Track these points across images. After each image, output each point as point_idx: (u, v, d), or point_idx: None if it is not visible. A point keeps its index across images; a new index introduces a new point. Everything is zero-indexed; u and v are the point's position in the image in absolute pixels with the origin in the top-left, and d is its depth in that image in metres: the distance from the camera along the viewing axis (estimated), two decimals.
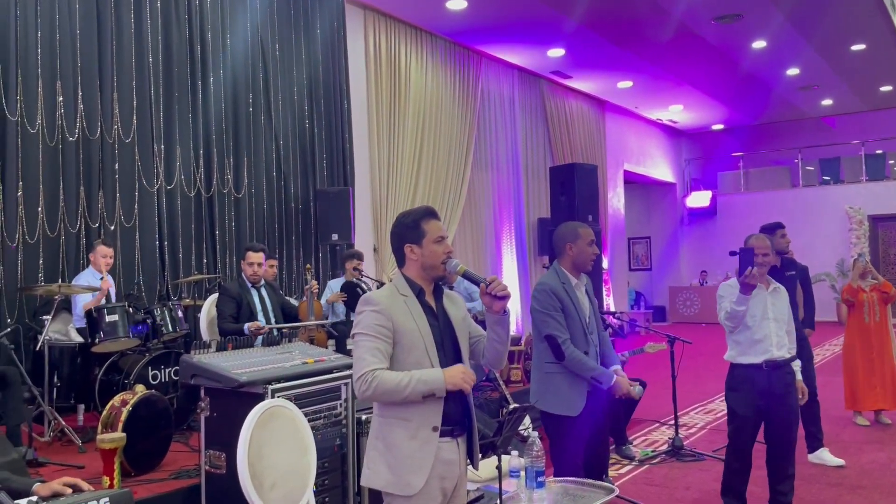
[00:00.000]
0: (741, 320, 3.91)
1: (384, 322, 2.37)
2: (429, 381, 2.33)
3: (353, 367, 2.40)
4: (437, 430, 2.40)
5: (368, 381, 2.30)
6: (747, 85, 13.45)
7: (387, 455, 2.39)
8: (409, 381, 2.31)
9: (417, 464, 2.37)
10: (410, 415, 2.38)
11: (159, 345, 5.32)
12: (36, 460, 4.22)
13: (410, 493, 2.36)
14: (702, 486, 4.85)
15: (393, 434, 2.39)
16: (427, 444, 2.38)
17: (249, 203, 7.55)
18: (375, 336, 2.36)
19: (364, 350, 2.35)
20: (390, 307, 2.40)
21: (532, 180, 12.20)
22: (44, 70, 5.97)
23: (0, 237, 5.69)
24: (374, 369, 2.31)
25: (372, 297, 2.43)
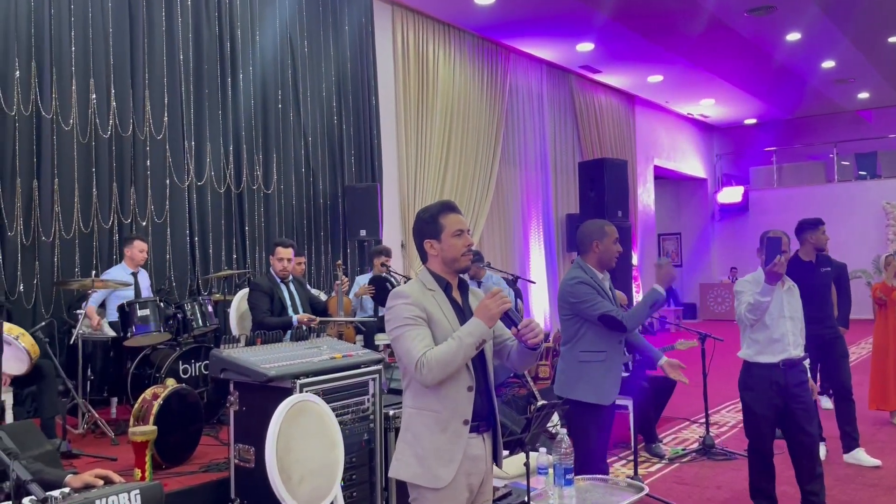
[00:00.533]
0: (764, 312, 3.83)
1: (418, 312, 2.37)
2: (472, 332, 2.31)
3: (403, 363, 2.36)
4: (467, 423, 2.39)
5: (424, 363, 2.28)
6: (781, 78, 13.22)
7: (416, 446, 2.38)
8: (458, 344, 2.29)
9: (447, 456, 2.35)
10: (441, 407, 2.37)
11: (190, 339, 5.37)
12: (70, 452, 4.30)
13: (439, 486, 2.35)
14: (733, 486, 4.77)
15: (423, 426, 2.38)
16: (457, 438, 2.37)
17: (278, 199, 7.60)
18: (414, 324, 2.35)
19: (408, 340, 2.33)
20: (421, 299, 2.40)
21: (560, 176, 12.11)
22: (77, 68, 6.06)
23: (36, 232, 5.80)
24: (425, 352, 2.29)
25: (402, 291, 2.42)
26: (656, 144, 15.32)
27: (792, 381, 3.91)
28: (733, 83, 13.51)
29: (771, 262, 3.72)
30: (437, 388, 2.36)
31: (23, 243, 5.73)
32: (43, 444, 3.54)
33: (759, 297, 3.77)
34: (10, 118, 5.68)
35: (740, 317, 3.93)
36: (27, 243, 5.76)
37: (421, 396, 2.39)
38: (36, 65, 5.83)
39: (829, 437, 5.47)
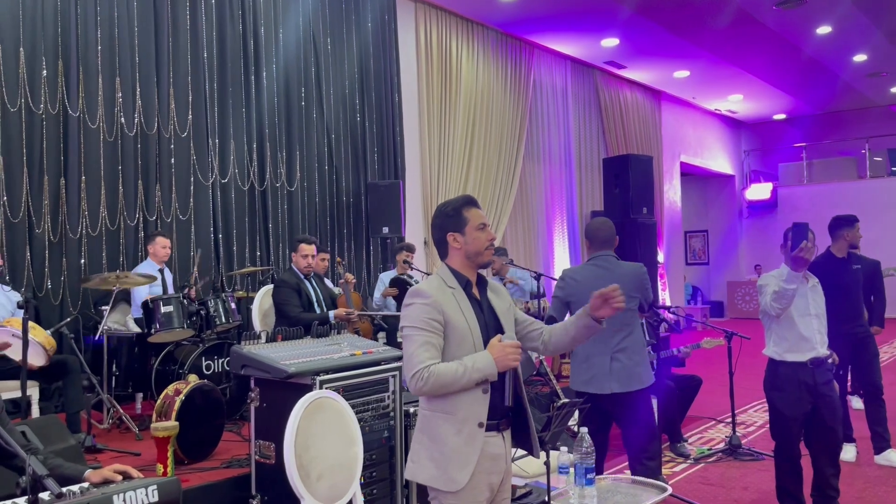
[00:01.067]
0: (790, 301, 3.72)
1: (435, 315, 2.33)
2: (482, 369, 2.29)
3: (404, 363, 2.35)
4: (482, 426, 2.35)
5: (424, 377, 2.26)
6: (811, 72, 12.97)
7: (431, 449, 2.36)
8: (463, 371, 2.28)
9: (463, 459, 2.33)
10: (456, 409, 2.34)
11: (213, 335, 5.40)
12: (94, 447, 4.33)
13: (455, 489, 2.32)
14: (760, 487, 4.68)
15: (438, 428, 2.35)
16: (473, 440, 2.34)
17: (301, 196, 7.63)
18: (427, 329, 2.32)
19: (416, 345, 2.31)
20: (440, 300, 2.36)
21: (585, 172, 12.01)
22: (103, 67, 6.13)
23: (63, 230, 5.87)
24: (429, 365, 2.27)
25: (422, 290, 2.39)
26: (683, 141, 15.13)
27: (820, 379, 3.84)
28: (762, 78, 13.29)
29: (797, 248, 3.62)
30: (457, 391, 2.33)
31: (50, 240, 5.81)
32: (66, 439, 3.57)
33: (784, 284, 3.66)
34: (38, 117, 5.75)
35: (766, 308, 3.82)
36: (54, 240, 5.83)
37: (435, 399, 2.36)
38: (63, 64, 5.91)
39: (860, 437, 5.35)
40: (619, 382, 3.70)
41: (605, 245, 3.86)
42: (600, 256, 3.85)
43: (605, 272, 3.81)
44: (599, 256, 3.86)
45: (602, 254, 3.85)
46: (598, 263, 3.85)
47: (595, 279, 3.79)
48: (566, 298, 3.89)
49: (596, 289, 3.76)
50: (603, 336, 3.74)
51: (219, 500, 3.81)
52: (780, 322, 3.83)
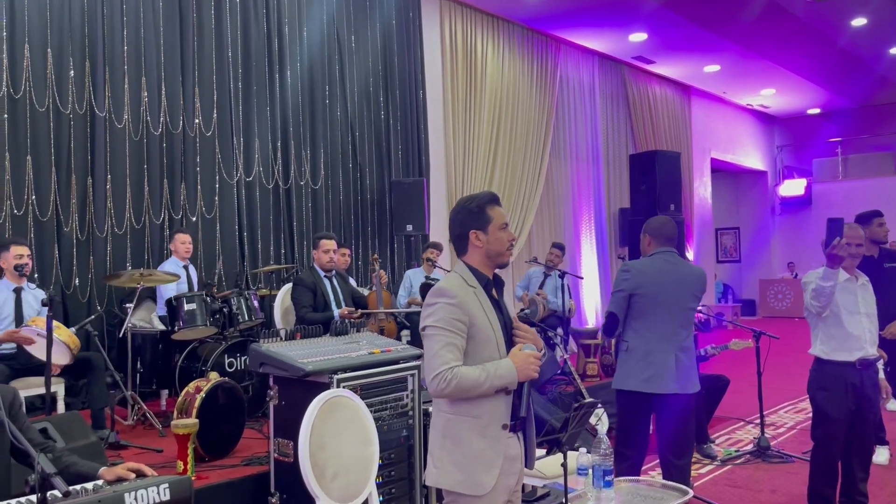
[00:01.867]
0: (829, 299, 3.61)
1: (460, 316, 2.28)
2: (504, 377, 2.26)
3: (426, 362, 2.30)
4: (506, 427, 2.32)
5: (447, 378, 2.22)
6: (846, 66, 12.66)
7: (455, 453, 2.31)
8: (485, 377, 2.24)
9: (488, 462, 2.29)
10: (480, 412, 2.30)
11: (235, 333, 5.42)
12: (118, 443, 4.38)
13: (482, 493, 2.28)
14: (789, 490, 4.57)
15: (462, 432, 2.31)
16: (497, 443, 2.30)
17: (326, 194, 7.64)
18: (451, 331, 2.27)
19: (440, 345, 2.26)
20: (465, 300, 2.31)
21: (613, 169, 11.87)
22: (129, 67, 6.19)
23: (90, 228, 5.95)
24: (453, 367, 2.23)
25: (446, 289, 2.33)
26: (713, 136, 14.89)
27: (867, 381, 3.73)
28: (795, 72, 13.01)
29: (830, 245, 3.52)
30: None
31: (78, 239, 5.89)
32: (88, 436, 3.61)
33: (820, 282, 3.57)
34: (66, 116, 5.83)
35: (808, 306, 3.73)
36: (82, 239, 5.91)
37: (459, 403, 2.31)
38: (89, 64, 5.98)
39: (894, 441, 5.20)
40: (679, 383, 3.61)
41: (669, 242, 3.80)
42: (666, 252, 3.78)
43: (673, 268, 3.74)
44: (665, 252, 3.77)
45: (666, 250, 3.78)
46: (664, 258, 3.77)
47: (663, 273, 3.72)
48: (632, 290, 3.71)
49: (663, 282, 3.71)
50: (667, 332, 3.66)
51: (238, 497, 3.82)
52: (827, 320, 3.73)
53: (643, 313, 3.71)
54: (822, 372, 3.79)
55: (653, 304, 3.70)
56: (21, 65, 5.62)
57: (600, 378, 6.76)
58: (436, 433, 2.38)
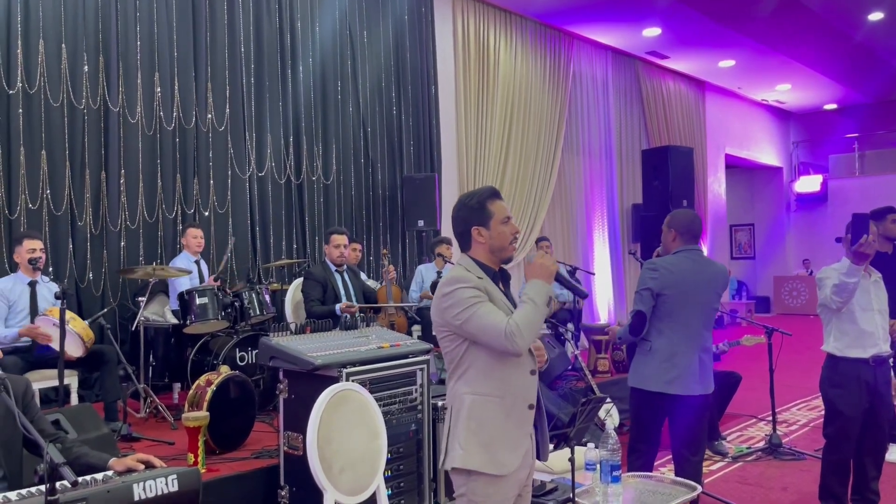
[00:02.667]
0: (851, 295, 3.57)
1: (480, 293, 2.31)
2: (541, 292, 2.30)
3: (486, 335, 2.26)
4: (532, 407, 2.35)
5: (514, 332, 2.21)
6: (863, 60, 12.51)
7: (480, 434, 2.31)
8: (532, 305, 2.26)
9: (513, 442, 2.31)
10: (505, 392, 2.32)
11: (247, 327, 5.45)
12: (130, 435, 4.42)
13: (505, 473, 2.30)
14: (801, 488, 4.54)
15: (487, 412, 2.32)
16: (523, 423, 2.34)
17: (338, 189, 7.66)
18: (482, 301, 2.29)
19: (484, 316, 2.25)
20: (479, 283, 2.34)
21: (626, 165, 11.81)
22: (143, 62, 6.23)
23: (104, 222, 6.00)
24: (507, 321, 2.23)
25: (458, 276, 2.34)
26: (728, 132, 14.78)
27: (881, 379, 3.71)
28: (811, 67, 12.88)
29: (857, 242, 3.48)
30: (502, 373, 2.31)
31: (91, 233, 5.93)
32: (99, 427, 3.64)
33: (844, 277, 3.52)
34: (80, 112, 5.88)
35: (826, 300, 3.68)
36: (96, 233, 5.96)
37: (484, 382, 2.32)
38: (103, 60, 6.02)
39: None
40: (702, 384, 3.58)
41: (695, 239, 3.72)
42: (691, 250, 3.69)
43: (700, 267, 3.67)
44: (690, 250, 3.69)
45: (692, 248, 3.70)
46: (691, 257, 3.68)
47: (690, 273, 3.63)
48: (659, 290, 3.61)
49: (690, 282, 3.66)
50: (691, 333, 3.60)
51: (248, 490, 3.85)
52: (841, 317, 3.69)
53: (670, 314, 3.62)
54: (835, 369, 3.75)
55: (680, 305, 3.61)
56: (35, 60, 5.66)
57: (611, 374, 6.74)
58: (459, 417, 2.35)
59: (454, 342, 2.35)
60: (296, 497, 3.72)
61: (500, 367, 2.32)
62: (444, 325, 2.35)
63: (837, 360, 3.75)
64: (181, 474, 2.31)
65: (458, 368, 2.37)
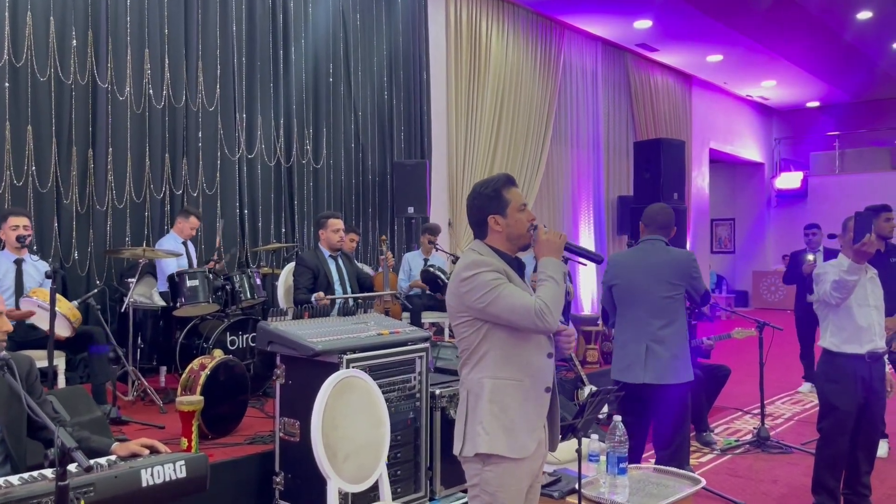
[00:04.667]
0: (850, 292, 3.60)
1: (501, 276, 2.29)
2: (557, 268, 2.30)
3: (514, 315, 2.24)
4: (549, 390, 2.35)
5: (543, 310, 2.21)
6: (848, 59, 12.63)
7: (502, 418, 2.29)
8: (553, 283, 2.27)
9: (531, 425, 2.31)
10: (524, 375, 2.31)
11: (237, 311, 5.38)
12: (119, 418, 4.34)
13: (525, 455, 2.29)
14: (790, 481, 4.59)
15: (507, 396, 2.30)
16: (541, 406, 2.33)
17: (327, 174, 7.57)
18: (505, 283, 2.27)
19: (510, 297, 2.24)
20: (499, 266, 2.32)
21: (613, 157, 11.83)
22: (133, 39, 6.09)
23: (90, 201, 5.87)
24: (535, 300, 2.23)
25: (479, 260, 2.32)
26: (713, 127, 14.86)
27: (876, 375, 3.75)
28: (797, 64, 12.97)
29: (859, 241, 3.50)
30: (521, 356, 2.30)
31: (77, 211, 5.81)
32: (93, 410, 3.57)
33: (845, 275, 3.54)
34: (67, 87, 5.73)
35: (825, 297, 3.69)
36: (82, 211, 5.83)
37: (503, 366, 2.31)
38: (92, 34, 5.87)
39: (893, 433, 5.23)
40: (654, 373, 3.64)
41: (660, 230, 3.79)
42: (649, 241, 3.78)
43: (647, 257, 3.75)
44: (648, 241, 3.78)
45: (652, 238, 3.78)
46: (644, 248, 3.79)
47: (636, 263, 3.77)
48: (609, 282, 3.87)
49: (635, 272, 3.74)
50: (639, 323, 3.72)
51: (243, 476, 3.80)
52: (838, 312, 3.71)
53: (621, 304, 3.84)
54: (831, 364, 3.78)
55: (626, 295, 3.80)
56: (23, 32, 5.51)
57: (600, 365, 6.76)
58: (479, 402, 2.31)
59: (472, 328, 2.32)
60: (291, 483, 3.68)
61: (519, 351, 2.31)
62: (463, 310, 2.32)
63: (834, 356, 3.77)
64: (189, 460, 2.26)
65: (474, 354, 2.34)
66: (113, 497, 2.04)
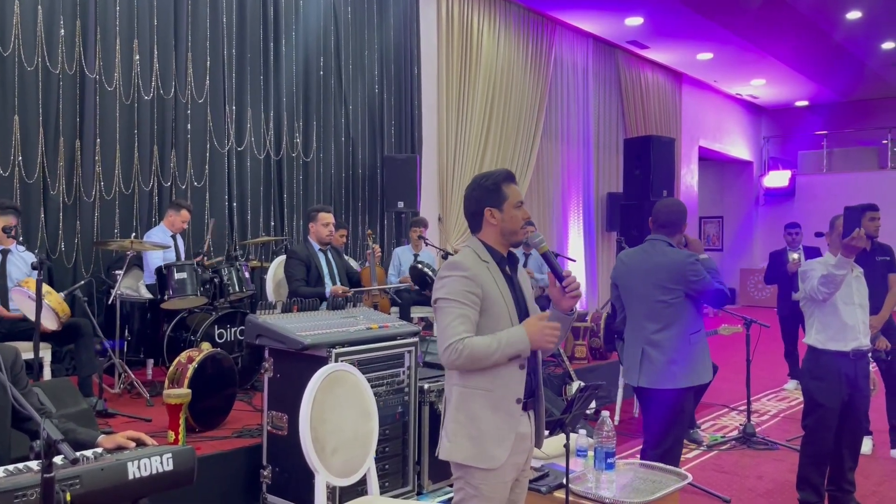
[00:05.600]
0: (838, 287, 3.62)
1: (473, 289, 2.27)
2: (515, 344, 2.23)
3: (438, 335, 2.29)
4: (520, 402, 2.31)
5: (459, 349, 2.20)
6: (837, 59, 12.70)
7: (469, 427, 2.29)
8: (497, 345, 2.22)
9: (501, 436, 2.28)
10: (494, 386, 2.29)
11: (226, 304, 5.35)
12: (106, 411, 4.32)
13: (494, 466, 2.27)
14: (775, 477, 4.62)
15: (475, 405, 2.29)
16: (510, 417, 2.29)
17: (317, 167, 7.55)
18: (463, 302, 2.26)
19: (452, 317, 2.24)
20: (478, 273, 2.30)
21: (603, 153, 11.86)
22: (122, 29, 6.04)
23: (78, 192, 5.82)
24: (464, 338, 2.21)
25: (460, 262, 2.32)
26: (702, 125, 14.92)
27: (860, 372, 3.78)
28: (787, 63, 13.03)
29: (848, 235, 3.52)
30: (492, 367, 2.27)
31: (64, 202, 5.76)
32: (79, 402, 3.54)
33: (834, 270, 3.56)
34: (55, 76, 5.68)
35: (812, 293, 3.70)
36: (69, 202, 5.79)
37: (473, 376, 2.29)
38: (80, 23, 5.82)
39: (877, 430, 5.28)
40: (647, 377, 3.58)
41: (661, 229, 3.66)
42: (650, 241, 3.68)
43: (647, 258, 3.66)
44: (650, 240, 3.69)
45: (654, 238, 3.68)
46: (645, 248, 3.70)
47: (636, 264, 3.68)
48: (614, 281, 3.87)
49: (634, 273, 3.69)
50: (636, 325, 3.67)
51: (230, 469, 3.79)
52: (824, 310, 3.73)
53: (624, 305, 3.79)
54: (816, 362, 3.81)
55: (625, 297, 3.75)
56: (10, 21, 5.45)
57: (588, 361, 6.78)
58: (450, 407, 2.36)
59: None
60: (279, 477, 3.68)
61: None
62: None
63: (819, 353, 3.80)
64: (176, 453, 2.25)
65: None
66: (99, 489, 2.02)
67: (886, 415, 5.12)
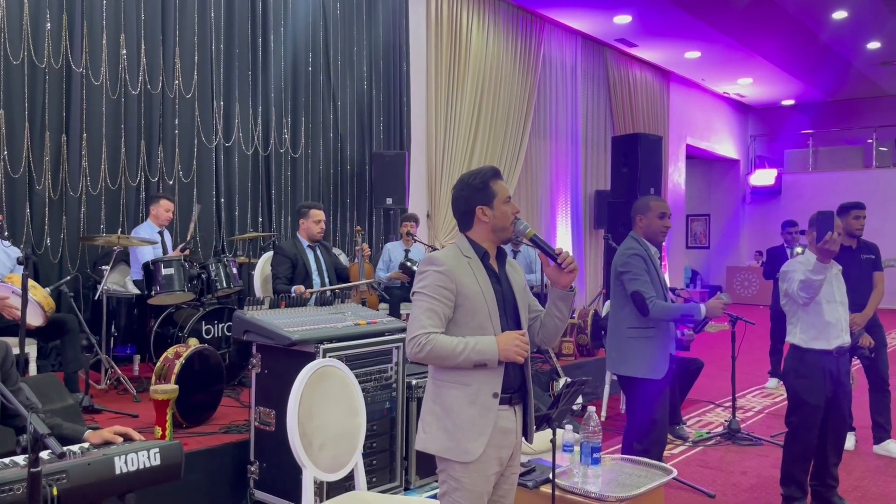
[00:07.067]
0: (817, 291, 3.66)
1: (447, 284, 2.29)
2: (483, 352, 2.24)
3: (407, 327, 2.33)
4: (497, 396, 2.32)
5: (422, 343, 2.24)
6: (823, 58, 12.81)
7: (444, 420, 2.31)
8: (462, 348, 2.23)
9: (477, 430, 2.29)
10: (470, 379, 2.30)
11: (213, 300, 5.34)
12: (92, 407, 4.30)
13: (468, 460, 2.28)
14: (759, 472, 4.67)
15: (451, 398, 2.31)
16: (487, 411, 2.30)
17: (305, 163, 7.53)
18: (435, 297, 2.28)
19: (421, 311, 2.28)
20: (455, 268, 2.32)
21: (591, 151, 11.90)
22: (108, 23, 6.00)
23: (64, 187, 5.79)
24: (430, 332, 2.24)
25: (436, 258, 2.34)
26: (690, 123, 15.00)
27: (843, 369, 3.83)
28: (774, 62, 13.13)
29: (822, 240, 3.55)
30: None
31: (50, 197, 5.73)
32: (65, 398, 3.53)
33: (811, 275, 3.60)
34: (41, 70, 5.64)
35: (793, 294, 3.75)
36: (55, 198, 5.75)
37: (448, 369, 2.31)
38: (67, 17, 5.78)
39: (860, 426, 5.34)
40: (611, 363, 3.81)
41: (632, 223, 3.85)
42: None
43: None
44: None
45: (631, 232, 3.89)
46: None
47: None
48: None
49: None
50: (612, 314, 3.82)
51: (217, 465, 3.79)
52: (808, 309, 3.77)
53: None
54: (800, 360, 3.84)
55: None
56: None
57: (575, 357, 6.82)
58: (427, 399, 2.40)
59: None
60: (266, 472, 3.68)
61: None
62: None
63: (803, 352, 3.83)
64: (163, 448, 2.24)
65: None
66: (86, 484, 2.02)
67: (869, 411, 5.18)
